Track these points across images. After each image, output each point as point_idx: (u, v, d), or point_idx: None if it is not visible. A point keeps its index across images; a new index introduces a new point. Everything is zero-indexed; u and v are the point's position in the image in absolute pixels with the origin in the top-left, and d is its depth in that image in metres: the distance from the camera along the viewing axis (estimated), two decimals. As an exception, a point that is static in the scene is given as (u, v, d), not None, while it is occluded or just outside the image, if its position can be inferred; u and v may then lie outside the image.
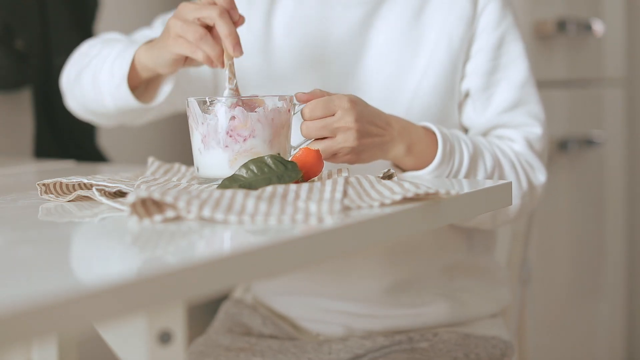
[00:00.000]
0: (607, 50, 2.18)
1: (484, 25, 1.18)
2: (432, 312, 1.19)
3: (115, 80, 1.12)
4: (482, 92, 1.18)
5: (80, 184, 0.95)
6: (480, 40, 1.18)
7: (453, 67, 1.17)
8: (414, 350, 1.14)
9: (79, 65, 1.22)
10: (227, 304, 1.32)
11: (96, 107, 1.20)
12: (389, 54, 1.18)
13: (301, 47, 1.21)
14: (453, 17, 1.17)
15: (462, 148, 1.08)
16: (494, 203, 0.97)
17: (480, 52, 1.18)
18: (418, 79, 1.17)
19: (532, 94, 1.19)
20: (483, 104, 1.18)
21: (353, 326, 1.19)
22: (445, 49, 1.17)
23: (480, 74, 1.18)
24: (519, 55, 1.19)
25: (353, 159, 1.00)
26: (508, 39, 1.18)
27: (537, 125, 1.18)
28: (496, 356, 1.18)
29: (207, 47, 0.99)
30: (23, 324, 0.50)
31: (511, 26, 1.19)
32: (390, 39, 1.18)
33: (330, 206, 0.78)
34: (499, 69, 1.18)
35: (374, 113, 1.02)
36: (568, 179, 2.02)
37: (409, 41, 1.18)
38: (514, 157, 1.14)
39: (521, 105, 1.18)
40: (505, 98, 1.18)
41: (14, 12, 1.65)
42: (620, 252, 2.28)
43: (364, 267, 1.18)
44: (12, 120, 1.75)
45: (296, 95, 0.99)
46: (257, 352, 1.17)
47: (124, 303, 0.56)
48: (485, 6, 1.18)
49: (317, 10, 1.21)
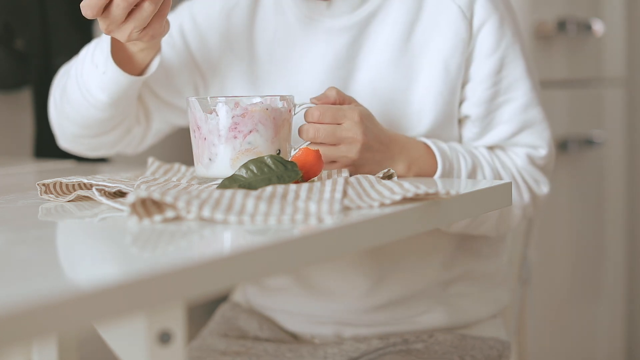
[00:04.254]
0: (607, 50, 2.18)
1: (480, 49, 1.11)
2: (428, 319, 1.18)
3: (100, 68, 1.08)
4: (482, 120, 1.13)
5: (80, 184, 0.95)
6: (478, 65, 1.11)
7: (451, 95, 1.12)
8: (409, 352, 1.13)
9: (60, 86, 1.19)
10: (224, 307, 1.30)
11: (91, 114, 1.14)
12: (380, 79, 1.13)
13: (285, 68, 1.17)
14: (448, 42, 1.10)
15: (460, 164, 1.08)
16: (493, 203, 0.97)
17: (478, 79, 1.12)
18: (417, 111, 1.12)
19: (537, 114, 1.13)
20: (483, 129, 1.14)
21: (347, 335, 1.18)
22: (443, 79, 1.10)
23: (479, 103, 1.12)
24: (520, 77, 1.12)
25: (351, 170, 1.01)
26: (508, 60, 1.11)
27: (543, 145, 1.14)
28: (493, 357, 1.17)
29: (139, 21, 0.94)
30: (23, 324, 0.50)
31: (510, 45, 1.11)
32: (380, 62, 1.13)
33: (330, 206, 0.78)
34: (500, 93, 1.12)
35: (380, 130, 1.02)
36: (568, 179, 2.02)
37: (401, 65, 1.12)
38: (515, 170, 1.13)
39: (525, 129, 1.13)
40: (507, 126, 1.13)
41: (14, 12, 1.65)
42: (620, 252, 2.28)
43: (355, 291, 1.16)
44: (12, 120, 1.75)
45: (310, 99, 1.01)
46: (252, 356, 1.17)
47: (124, 303, 0.56)
48: (481, 26, 1.10)
49: (300, 33, 1.16)
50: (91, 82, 1.10)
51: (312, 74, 1.15)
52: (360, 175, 0.95)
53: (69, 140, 1.24)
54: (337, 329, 1.18)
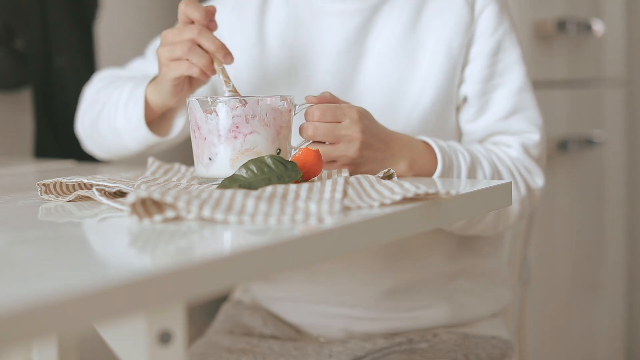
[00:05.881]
0: (607, 50, 2.18)
1: (481, 30, 1.17)
2: (432, 314, 1.19)
3: (132, 123, 1.14)
4: (478, 99, 1.18)
5: (80, 184, 0.95)
6: (478, 46, 1.17)
7: (452, 74, 1.17)
8: (414, 352, 1.14)
9: (91, 113, 1.24)
10: (227, 305, 1.32)
11: (118, 149, 1.22)
12: (387, 62, 1.18)
13: (296, 58, 1.21)
14: (451, 23, 1.17)
15: (459, 161, 1.09)
16: (493, 203, 0.97)
17: (477, 58, 1.17)
18: (419, 90, 1.17)
19: (529, 100, 1.18)
20: (479, 110, 1.18)
21: (353, 329, 1.19)
22: (445, 57, 1.16)
23: (477, 81, 1.17)
24: (516, 62, 1.18)
25: (351, 169, 1.01)
26: (505, 45, 1.18)
27: (535, 131, 1.18)
28: (496, 356, 1.18)
29: (197, 57, 1.02)
30: (23, 324, 0.50)
31: (508, 32, 1.18)
32: (387, 47, 1.18)
33: (330, 206, 0.78)
34: (496, 75, 1.18)
35: (379, 128, 1.03)
36: (568, 179, 2.02)
37: (407, 49, 1.18)
38: (511, 163, 1.15)
39: (518, 112, 1.18)
40: (501, 105, 1.17)
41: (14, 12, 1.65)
42: (620, 252, 2.28)
43: (362, 274, 1.18)
44: (12, 120, 1.75)
45: (306, 97, 1.01)
46: (258, 355, 1.17)
47: (124, 303, 0.56)
48: (482, 10, 1.17)
49: (311, 21, 1.21)
50: (124, 132, 1.17)
51: (322, 56, 1.19)
52: (360, 175, 0.95)
53: (94, 148, 1.30)
54: (345, 324, 1.19)
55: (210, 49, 1.01)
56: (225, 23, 1.24)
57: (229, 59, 1.02)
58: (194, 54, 1.01)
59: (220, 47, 1.02)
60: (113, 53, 1.90)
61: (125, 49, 1.87)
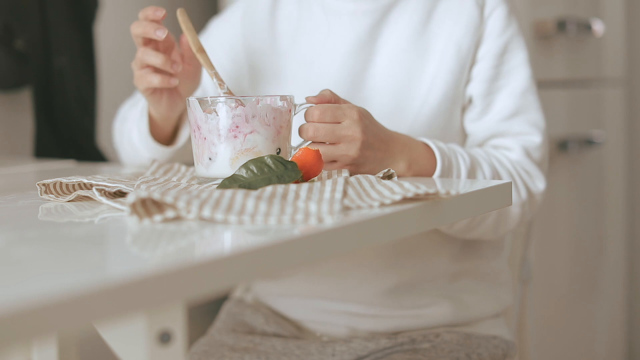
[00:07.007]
0: (607, 50, 2.18)
1: (489, 31, 1.19)
2: (435, 312, 1.20)
3: (142, 136, 1.20)
4: (483, 99, 1.18)
5: (80, 184, 0.95)
6: (486, 46, 1.19)
7: (460, 74, 1.18)
8: (416, 351, 1.15)
9: (121, 129, 1.30)
10: (229, 304, 1.32)
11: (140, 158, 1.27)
12: (397, 62, 1.19)
13: (308, 56, 1.22)
14: (461, 24, 1.18)
15: (459, 163, 1.09)
16: (493, 203, 0.97)
17: (484, 58, 1.19)
18: (427, 87, 1.18)
19: (533, 102, 1.19)
20: (483, 110, 1.19)
21: (356, 327, 1.19)
22: (454, 57, 1.18)
23: (482, 80, 1.18)
24: (521, 64, 1.19)
25: (352, 169, 1.01)
26: (511, 46, 1.19)
27: (537, 133, 1.18)
28: (498, 356, 1.18)
29: (150, 57, 1.07)
30: (23, 324, 0.50)
31: (515, 34, 1.19)
32: (398, 47, 1.19)
33: (330, 206, 0.78)
34: (501, 76, 1.19)
35: (379, 128, 1.03)
36: (568, 179, 2.02)
37: (417, 49, 1.19)
38: (511, 166, 1.15)
39: (521, 114, 1.18)
40: (504, 106, 1.18)
41: (14, 12, 1.65)
42: (620, 252, 2.28)
43: (366, 270, 1.18)
44: (12, 120, 1.75)
45: (306, 97, 1.01)
46: (261, 353, 1.17)
47: (124, 303, 0.56)
48: (491, 12, 1.19)
49: (323, 19, 1.23)
50: (138, 144, 1.22)
51: (333, 56, 1.21)
52: (360, 175, 0.95)
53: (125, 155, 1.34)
54: (348, 321, 1.19)
55: (157, 64, 1.07)
56: (237, 29, 1.27)
57: (176, 66, 1.07)
58: (147, 54, 1.08)
59: (163, 60, 1.06)
60: (113, 53, 1.90)
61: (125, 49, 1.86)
